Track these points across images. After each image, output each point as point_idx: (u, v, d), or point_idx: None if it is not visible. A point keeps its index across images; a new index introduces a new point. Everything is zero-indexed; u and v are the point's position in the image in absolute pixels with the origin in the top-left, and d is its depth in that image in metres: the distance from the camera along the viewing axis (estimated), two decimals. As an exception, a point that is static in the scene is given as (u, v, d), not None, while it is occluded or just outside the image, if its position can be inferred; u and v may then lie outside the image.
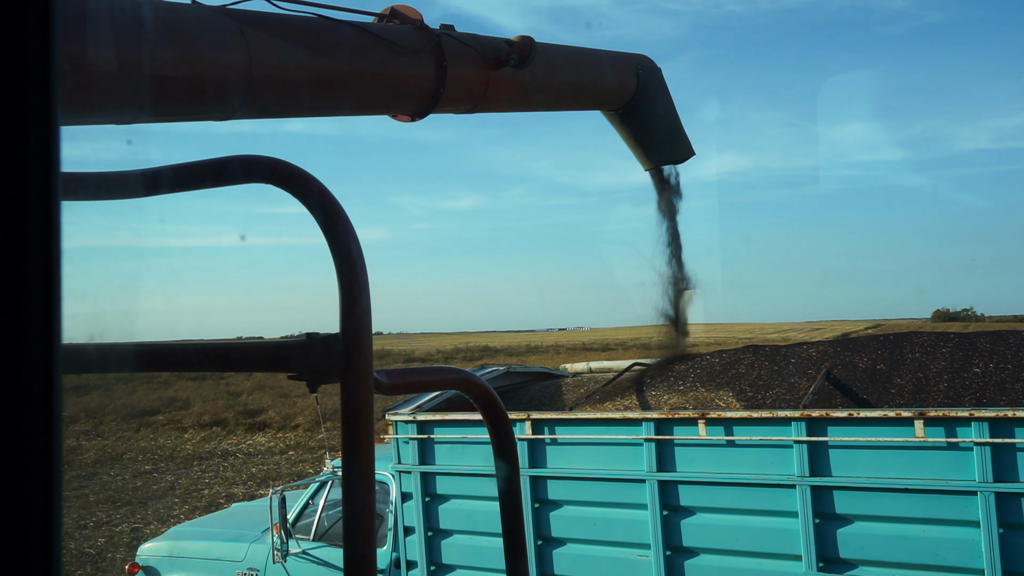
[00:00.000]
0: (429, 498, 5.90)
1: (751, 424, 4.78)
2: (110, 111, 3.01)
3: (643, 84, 5.71)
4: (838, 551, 4.55)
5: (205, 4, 3.42)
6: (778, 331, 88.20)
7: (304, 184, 1.04)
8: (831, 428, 4.57)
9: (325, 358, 1.00)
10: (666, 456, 5.05)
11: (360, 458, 0.99)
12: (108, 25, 2.79)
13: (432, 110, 4.49)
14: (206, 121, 3.67)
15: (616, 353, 43.36)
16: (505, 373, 7.11)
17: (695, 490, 4.96)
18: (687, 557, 4.99)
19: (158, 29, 3.13)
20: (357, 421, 0.99)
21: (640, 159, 6.13)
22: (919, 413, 4.32)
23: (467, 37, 4.60)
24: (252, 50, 3.41)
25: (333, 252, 1.01)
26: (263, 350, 1.06)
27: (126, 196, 1.17)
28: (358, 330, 0.99)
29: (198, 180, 1.12)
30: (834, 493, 4.57)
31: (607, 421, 5.25)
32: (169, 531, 7.97)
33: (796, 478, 4.63)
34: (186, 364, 1.13)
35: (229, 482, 16.12)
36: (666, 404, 5.65)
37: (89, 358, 1.12)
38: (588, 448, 5.32)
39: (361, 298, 1.00)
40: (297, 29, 3.74)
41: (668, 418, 5.02)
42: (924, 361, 5.25)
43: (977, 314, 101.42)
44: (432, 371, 1.33)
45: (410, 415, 5.91)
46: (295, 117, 4.07)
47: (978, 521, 4.18)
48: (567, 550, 5.40)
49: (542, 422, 5.46)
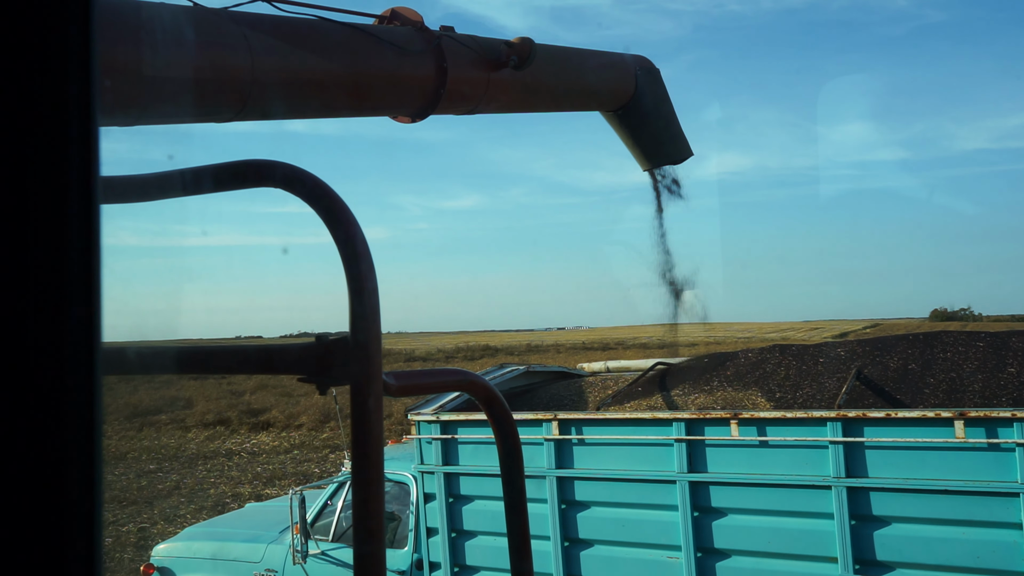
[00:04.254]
0: (452, 499, 5.84)
1: (785, 424, 4.72)
2: (112, 113, 3.01)
3: (641, 85, 5.73)
4: (875, 553, 4.49)
5: (207, 7, 3.42)
6: (777, 331, 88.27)
7: (315, 190, 1.06)
8: (867, 428, 4.52)
9: (335, 361, 1.01)
10: (697, 457, 4.98)
11: (370, 459, 1.01)
12: (109, 27, 2.80)
13: (432, 111, 4.52)
14: (207, 123, 3.69)
15: (623, 352, 43.35)
16: (525, 372, 7.05)
17: (727, 491, 4.90)
18: (719, 559, 4.93)
19: (159, 31, 3.15)
20: (367, 423, 1.00)
21: (638, 160, 6.13)
22: (959, 413, 4.26)
23: (467, 39, 4.61)
24: (254, 52, 3.42)
25: (343, 257, 1.03)
26: (276, 352, 1.07)
27: (142, 199, 1.18)
28: (368, 333, 1.01)
29: (210, 184, 1.14)
30: (870, 494, 4.51)
31: (636, 421, 5.19)
32: (183, 531, 7.89)
33: (832, 479, 4.57)
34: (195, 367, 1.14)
35: (235, 481, 16.04)
36: (693, 404, 5.59)
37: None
38: (616, 448, 5.26)
39: (371, 302, 1.02)
40: (298, 31, 3.75)
41: (699, 418, 4.96)
42: (956, 361, 5.20)
43: (975, 314, 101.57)
44: (438, 373, 1.36)
45: (433, 415, 5.84)
46: (296, 119, 4.12)
47: (1021, 523, 4.13)
48: (595, 551, 5.33)
49: (569, 422, 5.40)
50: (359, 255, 1.03)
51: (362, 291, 1.01)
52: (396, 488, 6.57)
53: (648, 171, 6.15)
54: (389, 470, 6.58)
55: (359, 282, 1.02)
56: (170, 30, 3.19)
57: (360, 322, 1.01)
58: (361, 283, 1.02)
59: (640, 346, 49.69)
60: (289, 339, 30.06)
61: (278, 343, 1.11)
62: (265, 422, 22.34)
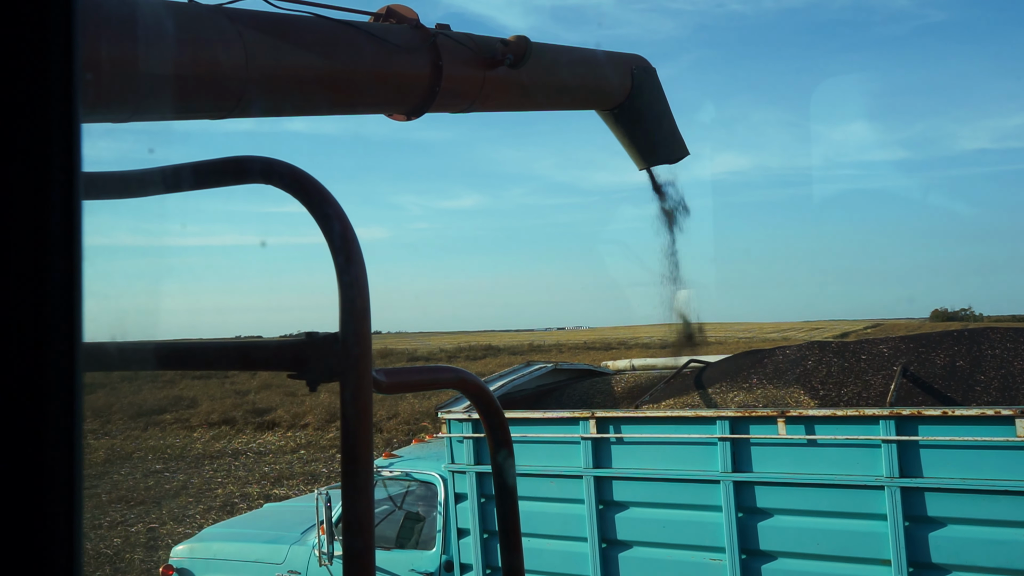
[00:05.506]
0: (485, 499, 5.70)
1: (835, 423, 4.59)
2: (106, 109, 3.00)
3: (638, 84, 5.71)
4: (930, 555, 4.36)
5: (202, 3, 3.41)
6: (777, 331, 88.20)
7: (303, 185, 1.05)
8: (921, 427, 4.38)
9: (325, 357, 1.01)
10: (741, 455, 4.85)
11: (359, 455, 1.01)
12: (103, 23, 2.79)
13: (428, 109, 4.51)
14: (201, 120, 3.69)
15: (626, 352, 43.22)
16: (552, 370, 6.92)
17: (773, 491, 4.76)
18: (764, 561, 4.80)
19: (154, 27, 3.15)
20: (357, 420, 1.00)
21: (634, 159, 6.11)
22: (1020, 412, 4.13)
23: (463, 36, 4.59)
24: (249, 49, 3.41)
25: (333, 252, 1.02)
26: (262, 349, 1.06)
27: (124, 196, 1.18)
28: (358, 329, 1.00)
29: (197, 180, 1.13)
30: (925, 495, 4.38)
31: (678, 419, 5.05)
32: (202, 532, 7.75)
33: (885, 479, 4.44)
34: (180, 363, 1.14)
35: (242, 481, 15.89)
36: (733, 402, 5.45)
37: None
38: (656, 447, 5.12)
39: (360, 298, 1.01)
40: (294, 28, 3.75)
41: (744, 416, 4.82)
42: (1006, 358, 5.07)
43: (976, 314, 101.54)
44: (430, 370, 1.35)
45: (464, 413, 5.70)
46: (291, 116, 4.10)
47: None
48: (634, 553, 5.20)
49: (607, 420, 5.26)
50: (347, 248, 1.02)
51: (351, 285, 1.01)
52: (422, 488, 6.43)
53: (644, 170, 6.14)
54: (415, 470, 6.44)
55: (347, 275, 1.01)
56: (165, 26, 3.20)
57: (350, 318, 1.00)
58: (349, 277, 1.01)
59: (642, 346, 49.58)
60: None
61: (269, 340, 1.09)
62: (271, 422, 22.17)
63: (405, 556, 6.22)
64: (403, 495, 6.54)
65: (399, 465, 6.53)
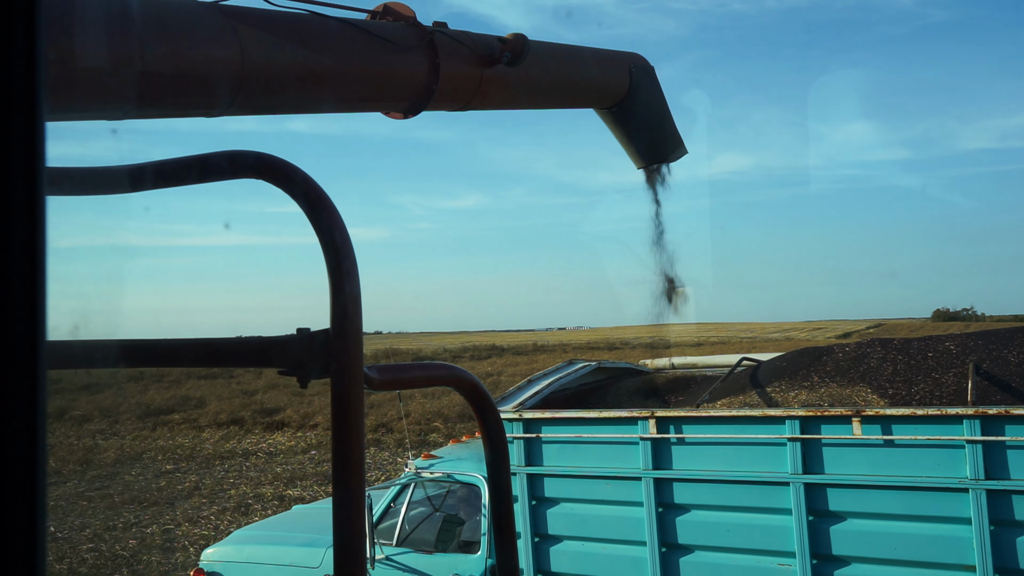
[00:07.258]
0: (535, 501, 5.51)
1: (913, 422, 4.40)
2: (98, 107, 2.97)
3: (636, 82, 5.67)
4: (1017, 561, 4.18)
5: (197, 0, 3.38)
6: (779, 330, 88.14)
7: (289, 175, 1.03)
8: (1008, 426, 4.20)
9: (314, 353, 1.00)
10: (812, 456, 4.66)
11: (351, 452, 1.00)
12: (96, 19, 2.75)
13: (425, 107, 4.48)
14: (196, 118, 3.66)
15: (628, 353, 43.06)
16: (596, 369, 6.73)
17: (847, 493, 4.57)
18: (837, 566, 4.61)
19: (148, 24, 3.10)
20: (347, 416, 0.98)
21: (632, 157, 6.07)
22: (1117, 410, 3.95)
23: (460, 34, 4.55)
24: (243, 46, 3.38)
25: (320, 241, 1.00)
26: (251, 345, 1.05)
27: (112, 192, 1.17)
28: (349, 325, 0.99)
29: (183, 176, 1.11)
30: (1012, 497, 4.19)
31: (743, 419, 4.86)
32: (232, 535, 7.56)
33: (969, 481, 4.25)
34: (172, 359, 1.12)
35: (254, 482, 15.69)
36: (795, 401, 5.26)
37: (75, 354, 1.12)
38: (719, 448, 4.93)
39: (349, 287, 0.99)
40: (289, 25, 3.71)
41: (815, 416, 4.63)
42: (1083, 355, 4.88)
43: (978, 313, 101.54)
44: (424, 367, 1.33)
45: (515, 412, 5.51)
46: (286, 113, 4.08)
47: None
48: (696, 558, 5.01)
49: (667, 420, 5.07)
50: (335, 238, 1.00)
51: (342, 281, 0.99)
52: (464, 490, 6.24)
53: (642, 169, 6.10)
54: (456, 471, 6.25)
55: (339, 271, 0.99)
56: (160, 23, 3.16)
57: (339, 311, 0.98)
58: (341, 272, 0.99)
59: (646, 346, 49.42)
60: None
61: (260, 337, 1.07)
62: (280, 422, 21.97)
63: (447, 560, 6.03)
64: (442, 496, 6.35)
65: (439, 466, 6.34)
